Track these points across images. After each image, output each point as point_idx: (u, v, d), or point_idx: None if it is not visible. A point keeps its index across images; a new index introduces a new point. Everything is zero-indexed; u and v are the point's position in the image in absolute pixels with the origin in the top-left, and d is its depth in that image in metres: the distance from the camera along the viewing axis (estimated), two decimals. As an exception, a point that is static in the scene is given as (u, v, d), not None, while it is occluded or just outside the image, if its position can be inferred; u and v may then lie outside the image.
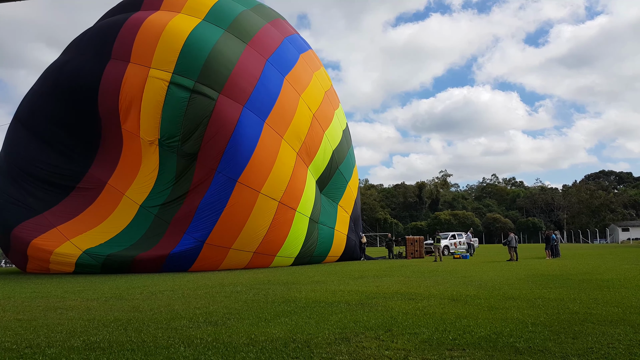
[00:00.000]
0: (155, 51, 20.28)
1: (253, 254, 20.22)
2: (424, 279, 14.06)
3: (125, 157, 21.25)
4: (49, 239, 19.43)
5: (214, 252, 19.51)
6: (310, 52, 26.46)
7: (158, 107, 19.98)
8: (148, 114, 20.15)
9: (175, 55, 20.17)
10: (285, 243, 20.95)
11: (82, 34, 23.26)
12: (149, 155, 20.65)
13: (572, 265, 19.07)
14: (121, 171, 21.13)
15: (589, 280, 12.77)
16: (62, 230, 19.81)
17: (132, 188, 20.62)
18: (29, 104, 22.71)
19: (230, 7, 22.66)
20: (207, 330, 6.69)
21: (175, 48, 20.25)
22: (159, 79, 20.02)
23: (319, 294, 10.49)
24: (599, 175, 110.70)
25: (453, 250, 32.78)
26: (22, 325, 7.38)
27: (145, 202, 20.28)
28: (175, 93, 19.86)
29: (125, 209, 20.39)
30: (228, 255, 19.79)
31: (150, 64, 20.23)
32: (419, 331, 6.33)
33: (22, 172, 21.46)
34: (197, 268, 19.43)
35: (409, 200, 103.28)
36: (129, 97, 20.31)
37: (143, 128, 20.36)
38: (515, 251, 23.92)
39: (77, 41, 23.10)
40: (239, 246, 19.72)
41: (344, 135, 26.68)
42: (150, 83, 20.03)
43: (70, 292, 12.19)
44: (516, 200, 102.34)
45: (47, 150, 21.79)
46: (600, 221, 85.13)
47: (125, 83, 20.32)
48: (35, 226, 19.92)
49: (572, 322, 6.79)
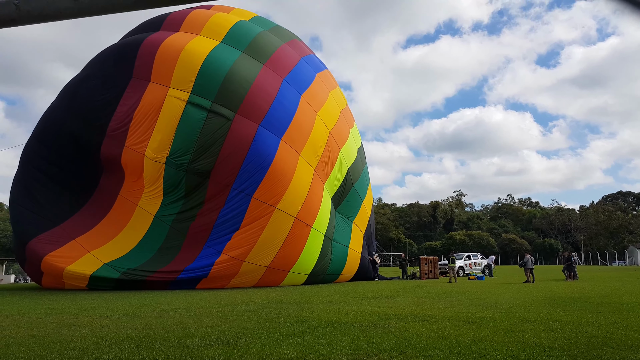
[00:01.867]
0: (174, 71, 20.65)
1: (266, 268, 20.24)
2: (439, 300, 13.87)
3: (128, 175, 21.37)
4: (66, 253, 19.60)
5: (228, 266, 19.64)
6: (327, 71, 26.82)
7: (173, 125, 20.21)
8: (161, 131, 20.34)
9: (193, 75, 20.53)
10: (299, 259, 20.96)
11: (104, 51, 23.71)
12: (151, 174, 20.63)
13: (590, 287, 18.70)
14: (128, 186, 21.30)
15: (607, 303, 12.49)
16: (81, 242, 20.02)
17: (143, 200, 20.80)
18: (45, 118, 23.20)
19: (248, 29, 23.11)
20: (219, 349, 6.65)
21: (193, 69, 20.62)
22: (177, 98, 20.33)
23: (332, 314, 10.39)
24: (617, 196, 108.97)
25: (468, 271, 32.37)
26: (35, 342, 7.41)
27: (159, 212, 20.46)
28: (192, 113, 20.16)
29: (139, 220, 20.59)
30: (241, 270, 19.87)
31: (169, 83, 20.58)
32: (433, 354, 6.22)
33: (37, 184, 21.76)
34: (208, 283, 19.50)
35: (423, 219, 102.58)
36: (145, 113, 20.55)
37: (152, 146, 20.41)
38: (531, 273, 23.55)
39: (99, 57, 23.54)
40: (252, 259, 19.81)
41: (359, 153, 26.77)
42: (168, 102, 20.33)
43: (84, 309, 12.24)
44: (532, 221, 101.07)
45: (59, 162, 22.10)
46: (618, 243, 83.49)
47: (145, 100, 20.63)
48: (51, 239, 20.12)
49: (590, 347, 6.63)
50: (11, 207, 22.44)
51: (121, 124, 20.85)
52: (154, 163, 20.33)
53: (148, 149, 20.38)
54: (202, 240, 19.91)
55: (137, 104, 20.68)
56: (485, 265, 34.41)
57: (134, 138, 20.61)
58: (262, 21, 25.37)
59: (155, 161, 20.29)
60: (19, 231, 21.17)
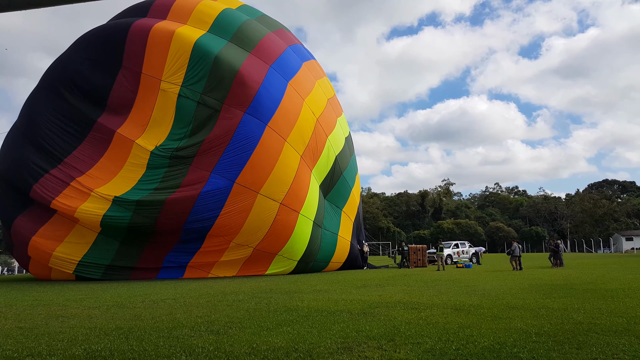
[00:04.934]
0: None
1: (253, 249, 20.51)
2: (427, 288, 13.99)
3: (139, 102, 21.71)
4: (71, 195, 19.82)
5: (217, 247, 20.09)
6: (314, 61, 26.72)
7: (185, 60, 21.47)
8: (174, 65, 21.44)
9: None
10: (288, 243, 21.15)
11: (89, 32, 23.42)
12: (165, 102, 21.30)
13: (576, 274, 18.96)
14: (133, 118, 21.54)
15: (593, 290, 12.68)
16: (83, 181, 20.25)
17: (144, 136, 21.11)
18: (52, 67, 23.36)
19: (234, 17, 22.97)
20: (209, 339, 6.66)
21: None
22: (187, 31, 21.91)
23: (321, 303, 10.44)
24: (602, 185, 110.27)
25: (456, 259, 32.65)
26: (23, 334, 7.37)
27: (158, 148, 20.78)
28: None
29: (137, 157, 20.86)
30: (229, 247, 20.30)
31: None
32: (421, 341, 6.29)
33: (38, 126, 21.74)
34: (198, 262, 20.06)
35: (411, 209, 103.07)
36: (157, 45, 21.43)
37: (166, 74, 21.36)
38: (519, 260, 23.81)
39: (85, 38, 23.36)
40: (240, 240, 19.97)
41: (347, 142, 26.76)
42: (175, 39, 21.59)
43: (72, 300, 12.18)
44: (519, 209, 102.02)
45: (59, 102, 22.09)
46: (604, 230, 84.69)
47: (155, 32, 21.60)
48: (52, 184, 20.25)
49: (576, 332, 6.74)
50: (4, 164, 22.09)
51: (136, 53, 21.81)
52: (167, 94, 21.29)
53: (164, 76, 21.69)
54: (209, 168, 20.35)
55: (147, 35, 21.54)
56: (472, 254, 34.74)
57: (152, 68, 21.77)
58: (248, 10, 25.15)
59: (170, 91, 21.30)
60: (22, 179, 20.95)
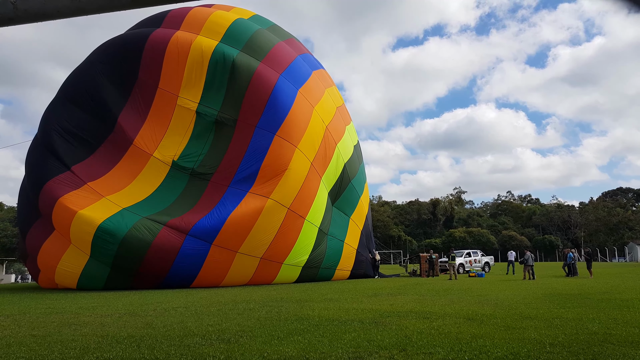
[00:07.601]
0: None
1: (260, 259, 20.38)
2: (439, 297, 13.88)
3: (153, 114, 21.93)
4: (80, 197, 19.67)
5: (221, 256, 19.70)
6: (323, 70, 26.93)
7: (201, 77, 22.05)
8: (191, 79, 22.02)
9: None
10: (292, 250, 21.10)
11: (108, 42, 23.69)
12: (182, 119, 21.70)
13: (591, 284, 18.71)
14: (148, 129, 21.71)
15: (608, 299, 12.50)
16: (94, 186, 20.21)
17: (160, 149, 21.29)
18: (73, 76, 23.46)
19: (245, 26, 23.30)
20: (220, 347, 6.65)
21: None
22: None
23: (332, 312, 10.39)
24: (617, 193, 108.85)
25: (468, 268, 32.38)
26: (36, 341, 7.42)
27: (176, 162, 21.05)
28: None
29: (154, 170, 20.99)
30: (235, 261, 20.00)
31: None
32: (434, 351, 6.22)
33: (55, 133, 21.75)
34: (202, 278, 19.71)
35: (423, 217, 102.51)
36: (175, 57, 21.85)
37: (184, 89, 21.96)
38: (532, 270, 23.55)
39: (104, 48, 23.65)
40: (245, 250, 19.89)
41: (355, 150, 26.82)
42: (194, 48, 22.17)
43: (85, 308, 12.25)
44: (532, 217, 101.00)
45: (75, 112, 22.13)
46: (618, 239, 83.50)
47: (172, 44, 22.09)
48: (64, 182, 20.21)
49: (591, 343, 6.63)
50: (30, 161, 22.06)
51: (153, 67, 22.28)
52: (185, 110, 21.75)
53: (182, 92, 22.18)
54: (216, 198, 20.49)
55: (165, 46, 21.98)
56: (485, 262, 34.47)
57: (169, 83, 22.20)
58: (260, 20, 25.46)
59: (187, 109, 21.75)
60: (35, 175, 20.94)
